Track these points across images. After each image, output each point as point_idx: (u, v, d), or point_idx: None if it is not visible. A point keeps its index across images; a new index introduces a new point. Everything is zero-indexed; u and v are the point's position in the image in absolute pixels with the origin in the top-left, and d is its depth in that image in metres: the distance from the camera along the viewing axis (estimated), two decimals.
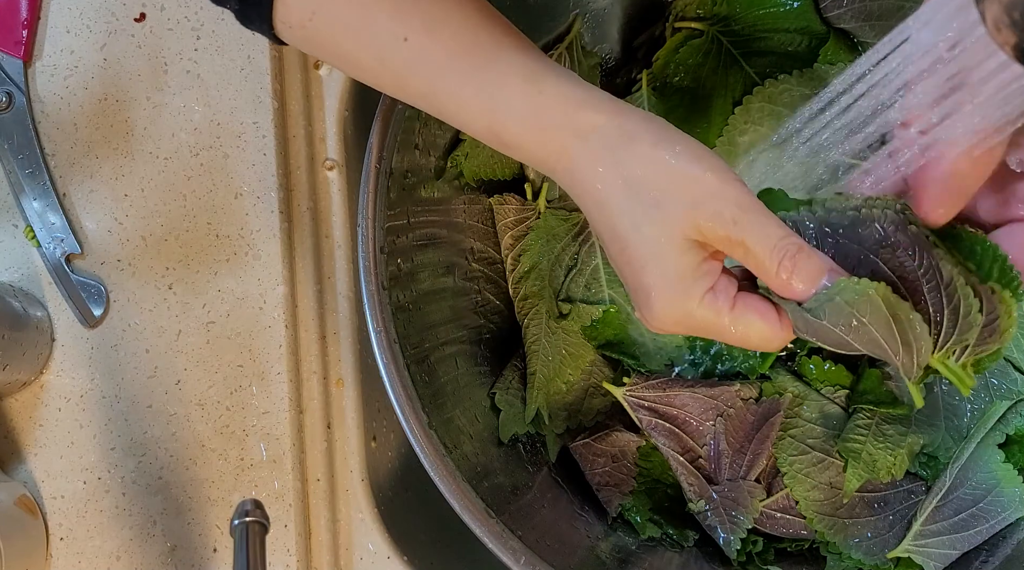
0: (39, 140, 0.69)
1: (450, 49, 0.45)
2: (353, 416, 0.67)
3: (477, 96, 0.45)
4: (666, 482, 0.65)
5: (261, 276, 0.67)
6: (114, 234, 0.68)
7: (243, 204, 0.67)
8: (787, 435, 0.62)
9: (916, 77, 0.40)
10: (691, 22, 0.67)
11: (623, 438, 0.65)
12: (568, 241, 0.67)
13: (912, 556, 0.59)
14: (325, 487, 0.66)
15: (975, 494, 0.59)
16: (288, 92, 0.70)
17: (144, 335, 0.66)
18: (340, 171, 0.70)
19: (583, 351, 0.66)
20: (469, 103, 0.45)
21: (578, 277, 0.67)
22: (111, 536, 0.64)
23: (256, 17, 0.47)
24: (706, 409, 0.63)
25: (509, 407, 0.65)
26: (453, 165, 0.65)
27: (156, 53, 0.69)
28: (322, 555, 0.65)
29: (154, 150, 0.68)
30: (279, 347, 0.66)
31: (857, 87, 0.43)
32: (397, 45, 0.45)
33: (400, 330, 0.58)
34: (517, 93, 0.44)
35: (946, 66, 0.38)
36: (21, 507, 0.63)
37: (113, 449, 0.65)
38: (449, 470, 0.55)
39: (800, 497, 0.61)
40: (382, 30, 0.45)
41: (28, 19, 0.69)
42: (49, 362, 0.67)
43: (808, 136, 0.48)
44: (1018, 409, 0.60)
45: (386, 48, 0.46)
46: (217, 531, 0.64)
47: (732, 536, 0.62)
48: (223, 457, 0.65)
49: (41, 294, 0.67)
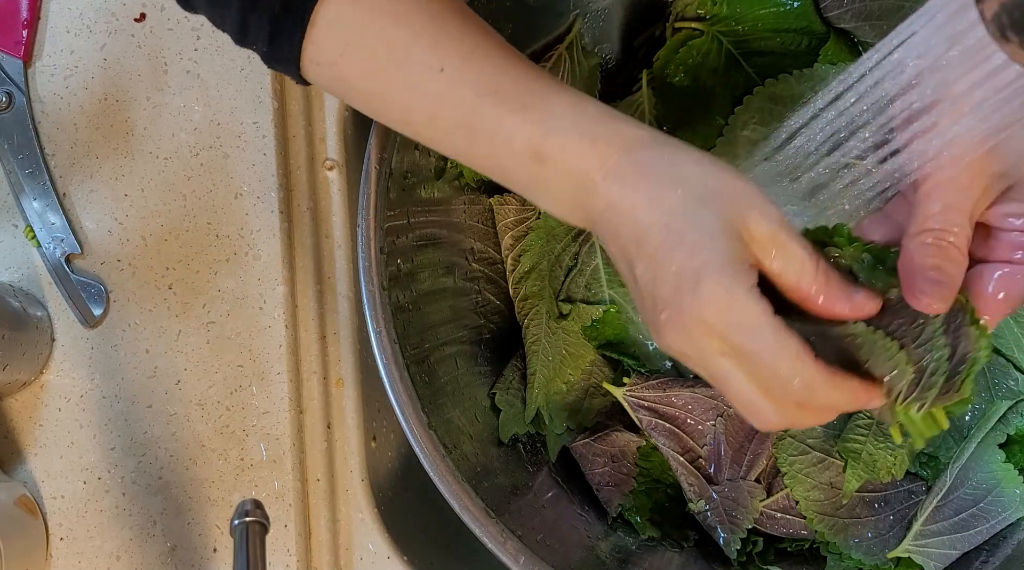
0: (39, 140, 0.69)
1: (488, 74, 0.45)
2: (353, 416, 0.67)
3: (521, 112, 0.44)
4: (666, 482, 0.65)
5: (261, 276, 0.67)
6: (114, 234, 0.68)
7: (243, 204, 0.67)
8: (787, 435, 0.62)
9: (916, 77, 0.40)
10: (691, 22, 0.67)
11: (623, 438, 0.65)
12: (568, 241, 0.67)
13: (912, 556, 0.59)
14: (325, 487, 0.66)
15: (975, 494, 0.59)
16: (288, 92, 0.70)
17: (144, 335, 0.66)
18: (340, 171, 0.70)
19: (583, 351, 0.66)
20: (510, 121, 0.45)
21: (578, 277, 0.67)
22: (111, 536, 0.64)
23: (286, 57, 0.47)
24: (706, 409, 0.63)
25: (509, 407, 0.65)
26: (453, 165, 0.65)
27: (156, 53, 0.69)
28: (322, 555, 0.65)
29: (154, 150, 0.68)
30: (279, 347, 0.66)
31: (857, 87, 0.43)
32: (432, 76, 0.45)
33: (400, 330, 0.58)
34: (565, 106, 0.44)
35: (946, 66, 0.38)
36: (21, 507, 0.63)
37: (113, 449, 0.65)
38: (449, 470, 0.55)
39: (800, 497, 0.61)
40: (417, 63, 0.45)
41: (28, 19, 0.69)
42: (49, 362, 0.67)
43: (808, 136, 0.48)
44: (1018, 409, 0.60)
45: (421, 80, 0.45)
46: (217, 531, 0.64)
47: (732, 536, 0.62)
48: (223, 457, 0.65)
49: (41, 294, 0.67)
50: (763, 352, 0.40)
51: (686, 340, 0.42)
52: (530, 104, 0.44)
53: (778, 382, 0.40)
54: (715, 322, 0.40)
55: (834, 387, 0.41)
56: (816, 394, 0.40)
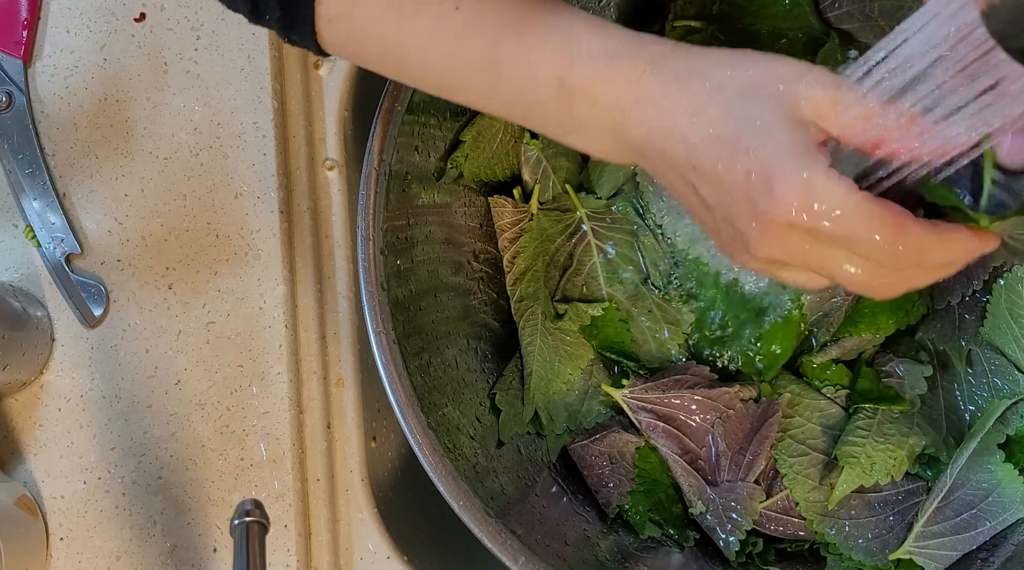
0: (39, 140, 0.69)
1: (506, 6, 0.44)
2: (353, 416, 0.67)
3: (546, 43, 0.43)
4: (665, 482, 0.65)
5: (261, 276, 0.67)
6: (114, 234, 0.68)
7: (243, 204, 0.67)
8: (787, 436, 0.62)
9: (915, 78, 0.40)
10: (689, 20, 0.67)
11: (622, 439, 0.65)
12: (562, 241, 0.67)
13: (914, 557, 0.59)
14: (325, 487, 0.66)
15: (976, 495, 0.59)
16: (288, 92, 0.70)
17: (144, 335, 0.66)
18: (340, 171, 0.70)
19: (582, 351, 0.66)
20: (535, 52, 0.43)
21: (575, 277, 0.67)
22: (111, 536, 0.64)
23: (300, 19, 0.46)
24: (705, 411, 0.62)
25: (509, 407, 0.65)
26: (453, 166, 0.65)
27: (156, 53, 0.69)
28: (322, 555, 0.65)
29: (154, 150, 0.68)
30: (279, 347, 0.66)
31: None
32: (449, 14, 0.44)
33: (400, 330, 0.58)
34: (587, 32, 0.43)
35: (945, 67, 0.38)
36: (21, 507, 0.63)
37: (113, 449, 0.65)
38: (448, 470, 0.55)
39: (800, 498, 0.61)
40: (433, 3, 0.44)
41: (28, 19, 0.69)
42: (49, 362, 0.67)
43: None
44: (1018, 409, 0.60)
45: (437, 21, 0.44)
46: (217, 531, 0.64)
47: (732, 537, 0.62)
48: (223, 457, 0.65)
49: (41, 294, 0.67)
50: (861, 232, 0.38)
51: (780, 249, 0.39)
52: (552, 34, 0.43)
53: (886, 255, 0.38)
54: (802, 220, 0.38)
55: (944, 242, 0.39)
56: (929, 254, 0.39)
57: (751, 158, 0.38)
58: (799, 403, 0.62)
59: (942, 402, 0.62)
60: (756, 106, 0.39)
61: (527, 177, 0.69)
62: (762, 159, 0.38)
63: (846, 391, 0.62)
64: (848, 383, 0.63)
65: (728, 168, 0.39)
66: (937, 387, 0.62)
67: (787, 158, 0.38)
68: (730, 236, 0.41)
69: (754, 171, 0.38)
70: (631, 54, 0.42)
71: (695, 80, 0.40)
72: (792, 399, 0.62)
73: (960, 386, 0.62)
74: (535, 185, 0.68)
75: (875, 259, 0.39)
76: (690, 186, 0.41)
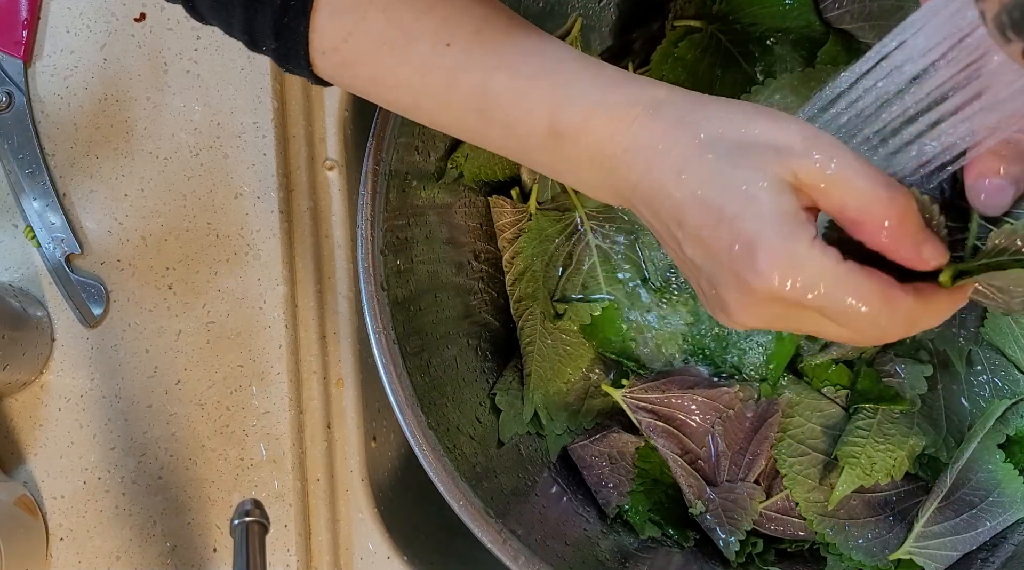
0: (39, 140, 0.69)
1: (499, 44, 0.43)
2: (353, 416, 0.67)
3: (537, 79, 0.42)
4: (665, 482, 0.65)
5: (261, 276, 0.67)
6: (114, 234, 0.68)
7: (243, 204, 0.67)
8: (787, 436, 0.62)
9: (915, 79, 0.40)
10: (689, 20, 0.67)
11: (622, 439, 0.65)
12: (561, 241, 0.67)
13: (914, 558, 0.59)
14: (325, 487, 0.66)
15: (976, 495, 0.59)
16: (288, 92, 0.70)
17: (144, 335, 0.66)
18: (340, 171, 0.70)
19: (582, 351, 0.66)
20: (528, 89, 0.42)
21: (574, 276, 0.67)
22: (111, 536, 0.64)
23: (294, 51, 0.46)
24: (705, 411, 0.62)
25: (509, 407, 0.65)
26: (453, 166, 0.65)
27: (156, 53, 0.69)
28: (322, 555, 0.65)
29: (154, 150, 0.68)
30: (279, 347, 0.66)
31: (856, 88, 0.43)
32: (441, 51, 0.43)
33: (400, 330, 0.58)
34: (580, 71, 0.42)
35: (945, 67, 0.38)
36: (21, 507, 0.63)
37: (113, 449, 0.65)
38: (448, 470, 0.55)
39: (800, 498, 0.61)
40: (425, 38, 0.44)
41: (28, 19, 0.69)
42: (49, 362, 0.67)
43: None
44: (1018, 409, 0.60)
45: (430, 57, 0.44)
46: (217, 531, 0.64)
47: (731, 537, 0.62)
48: (223, 457, 0.65)
49: (41, 294, 0.67)
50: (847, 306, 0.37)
51: (762, 319, 0.39)
52: (543, 75, 0.42)
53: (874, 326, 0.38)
54: (785, 292, 0.37)
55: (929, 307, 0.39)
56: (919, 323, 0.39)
57: (734, 226, 0.38)
58: (799, 403, 0.62)
59: (942, 402, 0.62)
60: (741, 171, 0.38)
61: (526, 177, 0.69)
62: (746, 230, 0.37)
63: (846, 391, 0.62)
64: (848, 383, 0.63)
65: (712, 236, 0.39)
66: (937, 387, 0.62)
67: (771, 228, 0.37)
68: (713, 298, 0.41)
69: (737, 242, 0.38)
70: (623, 98, 0.41)
71: (687, 132, 0.40)
72: (792, 399, 0.62)
73: (960, 386, 0.62)
74: (533, 185, 0.68)
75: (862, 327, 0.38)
76: (676, 241, 0.41)
